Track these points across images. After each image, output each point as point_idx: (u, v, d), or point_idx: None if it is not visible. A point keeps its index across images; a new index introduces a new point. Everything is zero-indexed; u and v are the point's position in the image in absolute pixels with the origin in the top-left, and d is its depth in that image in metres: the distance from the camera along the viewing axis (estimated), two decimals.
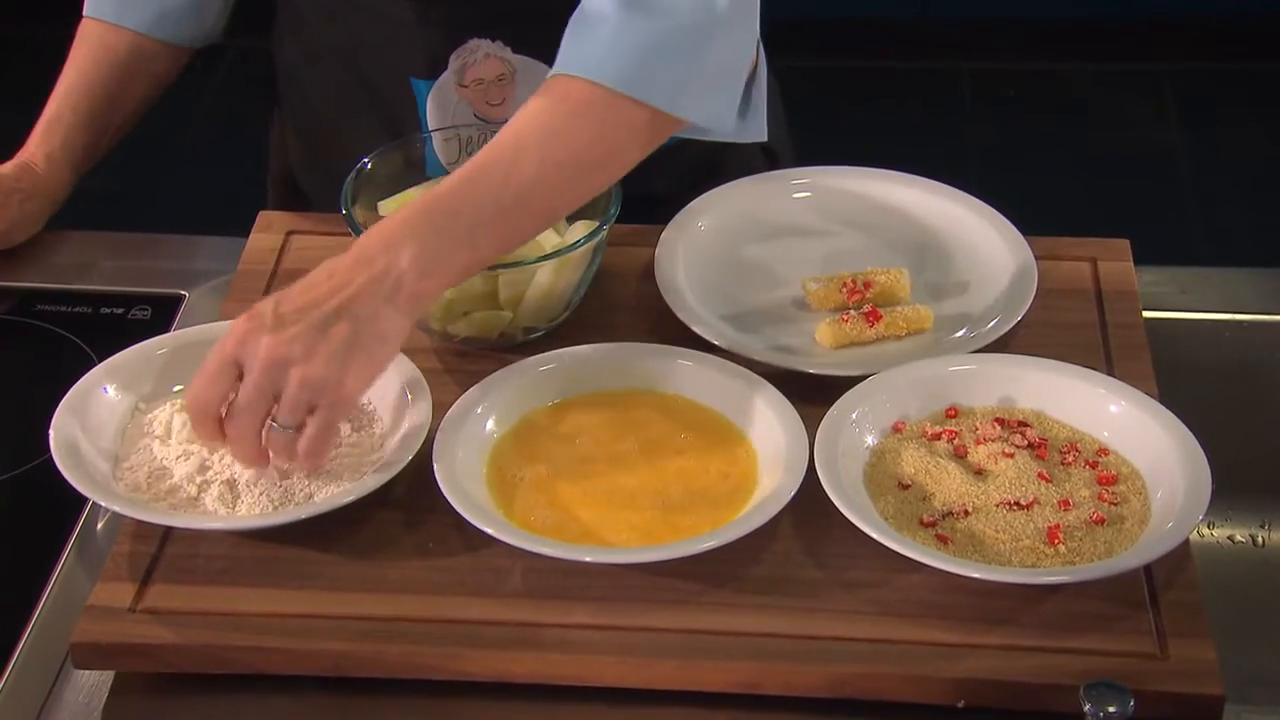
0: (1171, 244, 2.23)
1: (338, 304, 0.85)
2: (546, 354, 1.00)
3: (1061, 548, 0.88)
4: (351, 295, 0.86)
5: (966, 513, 0.90)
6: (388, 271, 0.87)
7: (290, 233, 1.14)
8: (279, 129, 1.23)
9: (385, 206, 1.05)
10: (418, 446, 0.93)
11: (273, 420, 0.86)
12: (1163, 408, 0.95)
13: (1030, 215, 1.18)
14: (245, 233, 1.13)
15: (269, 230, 1.14)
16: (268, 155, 1.26)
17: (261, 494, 0.91)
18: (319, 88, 1.15)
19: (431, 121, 1.09)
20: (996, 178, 2.34)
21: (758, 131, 1.02)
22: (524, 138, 0.92)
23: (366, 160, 1.06)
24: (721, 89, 0.95)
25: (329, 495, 0.91)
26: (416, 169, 1.07)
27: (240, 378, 0.86)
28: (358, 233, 1.01)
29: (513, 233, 0.92)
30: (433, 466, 0.91)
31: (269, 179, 1.26)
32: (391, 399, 0.97)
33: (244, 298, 1.08)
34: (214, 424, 0.87)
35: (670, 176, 1.13)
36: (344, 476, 0.93)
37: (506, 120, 0.95)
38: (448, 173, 1.00)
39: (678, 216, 1.12)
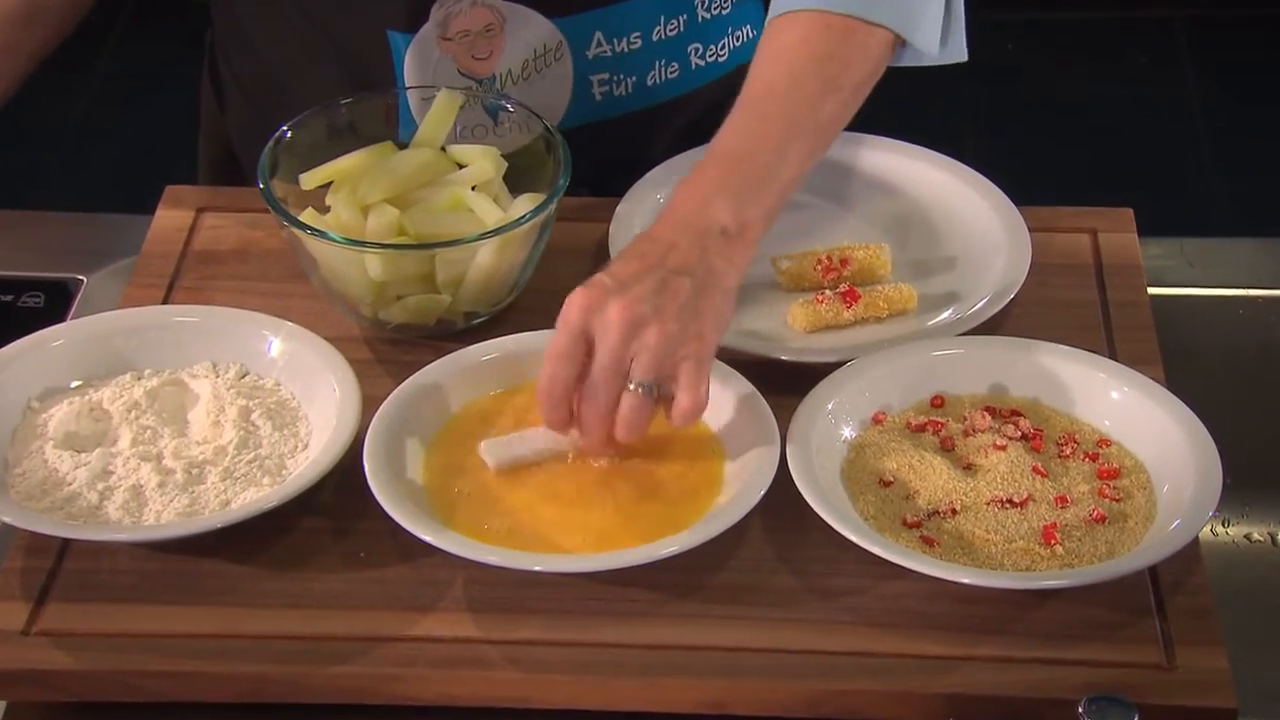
0: (1185, 213, 2.25)
1: (673, 265, 0.91)
2: (489, 342, 1.01)
3: (1059, 549, 0.89)
4: (682, 255, 0.92)
5: (954, 512, 0.92)
6: (709, 227, 0.93)
7: (202, 209, 1.14)
8: (212, 90, 1.23)
9: (309, 179, 1.06)
10: (346, 446, 0.93)
11: (627, 384, 0.89)
12: (1170, 394, 0.96)
13: (1026, 183, 1.19)
14: (151, 209, 1.13)
15: (177, 206, 1.14)
16: (197, 121, 1.25)
17: (171, 501, 0.91)
18: (270, 41, 1.15)
19: (409, 80, 1.10)
20: (988, 141, 2.36)
21: (958, 52, 1.06)
22: (796, 68, 0.99)
23: (285, 128, 1.06)
24: (929, 8, 1.03)
25: (247, 501, 0.92)
26: (342, 136, 1.08)
27: (588, 353, 0.89)
28: (275, 209, 1.02)
29: (810, 158, 1.00)
30: (363, 467, 0.92)
31: (200, 149, 1.26)
32: (317, 393, 0.98)
33: (149, 282, 1.08)
34: (567, 406, 0.90)
35: (663, 144, 1.14)
36: (264, 480, 0.94)
37: (493, 76, 0.98)
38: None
39: (634, 187, 1.13)
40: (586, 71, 1.13)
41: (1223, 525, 1.11)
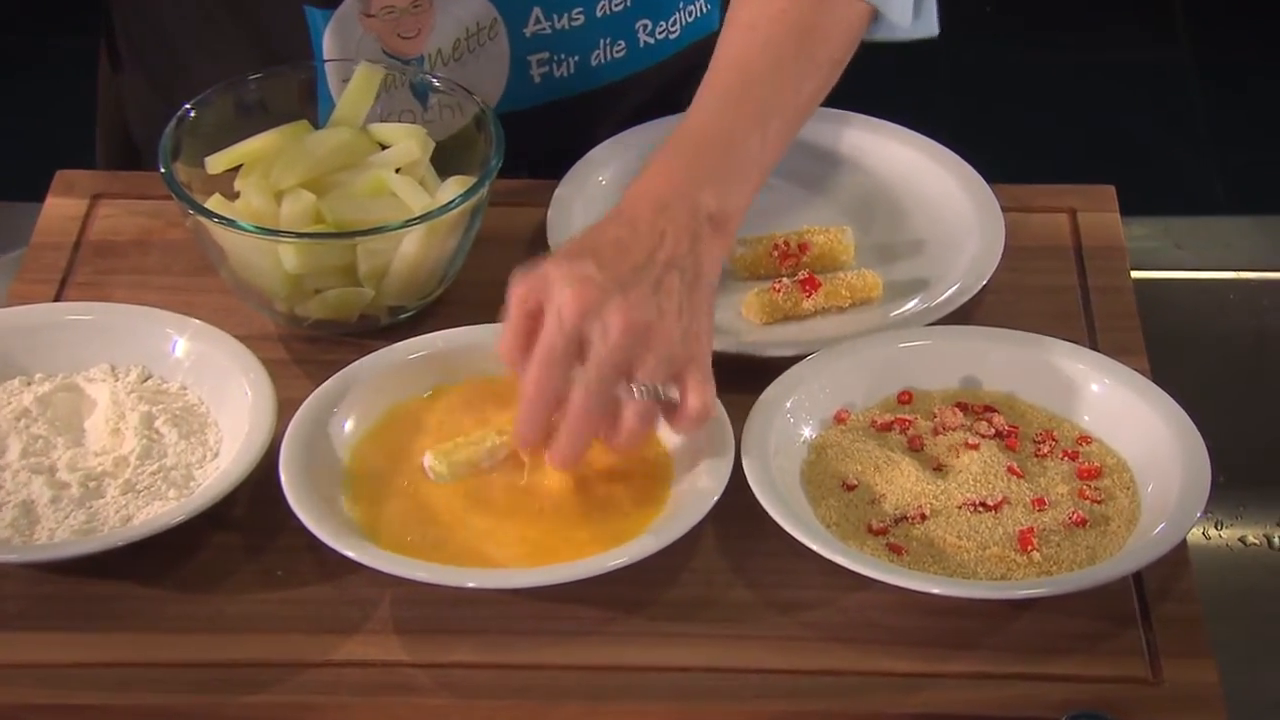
0: (1171, 190, 2.27)
1: (664, 258, 0.92)
2: (417, 339, 1.01)
3: (1036, 555, 0.91)
4: (671, 247, 0.92)
5: (924, 516, 0.93)
6: (694, 213, 0.94)
7: (97, 196, 1.14)
8: (110, 65, 1.23)
9: (215, 162, 1.06)
10: (260, 454, 0.94)
11: (631, 391, 0.89)
12: (1155, 387, 0.98)
13: (1000, 159, 1.21)
14: (41, 196, 1.13)
15: (70, 193, 1.14)
16: (94, 99, 1.25)
17: (66, 518, 0.92)
18: (173, 12, 1.15)
19: (329, 57, 1.10)
20: (958, 114, 2.37)
21: (929, 27, 1.07)
22: (774, 42, 0.99)
23: (188, 106, 1.06)
24: None
25: (151, 516, 0.92)
26: (252, 115, 1.08)
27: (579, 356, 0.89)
28: (179, 195, 1.02)
29: (787, 141, 1.01)
30: (279, 478, 0.92)
31: (97, 130, 1.26)
32: (227, 397, 0.98)
33: (39, 277, 1.08)
34: (552, 411, 0.90)
35: (609, 131, 1.15)
36: (169, 493, 0.94)
37: (422, 56, 0.98)
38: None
39: (574, 169, 1.14)
40: (524, 51, 1.14)
41: (1215, 528, 1.13)
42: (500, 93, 1.14)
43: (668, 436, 0.96)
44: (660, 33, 1.16)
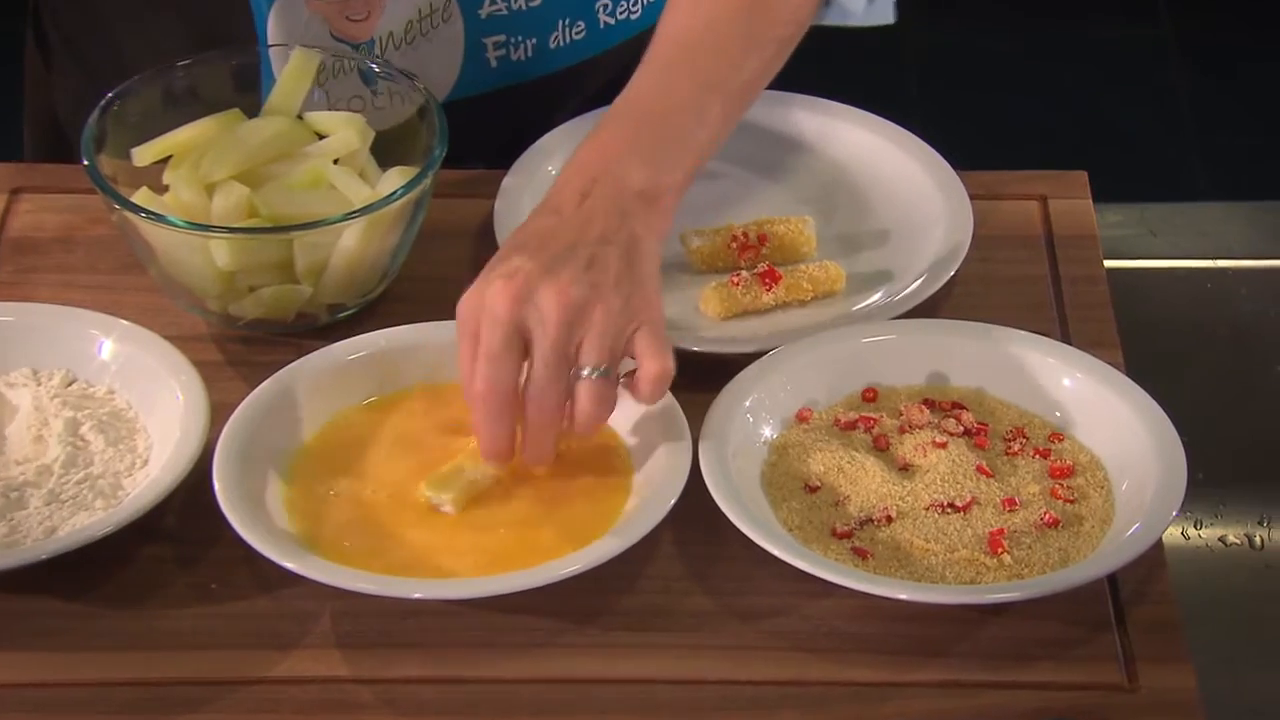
0: (1154, 176, 2.29)
1: (595, 236, 0.92)
2: (358, 338, 1.02)
3: (1007, 558, 0.92)
4: (600, 225, 0.93)
5: (890, 519, 0.94)
6: (620, 190, 0.94)
7: (17, 190, 1.14)
8: (37, 49, 1.22)
9: (142, 154, 1.06)
10: (192, 462, 0.94)
11: (580, 372, 0.90)
12: (1129, 381, 0.99)
13: (967, 144, 1.22)
14: None
15: None
16: (20, 86, 1.24)
17: None
18: None
19: (273, 40, 1.10)
20: (924, 98, 2.38)
21: (884, 13, 1.08)
22: (717, 19, 1.00)
23: (113, 95, 1.06)
24: None
25: (77, 528, 0.92)
26: (181, 104, 1.08)
27: (523, 352, 0.90)
28: (104, 189, 1.02)
29: (728, 122, 1.02)
30: (213, 486, 0.93)
31: (24, 120, 1.25)
32: (157, 401, 0.98)
33: None
34: (512, 418, 0.91)
35: (568, 116, 1.15)
36: (96, 503, 0.94)
37: (372, 40, 0.99)
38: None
39: (522, 158, 1.14)
40: (480, 33, 1.14)
41: (1195, 527, 1.14)
42: (454, 78, 1.14)
43: (624, 439, 0.97)
44: (621, 13, 1.16)
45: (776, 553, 0.90)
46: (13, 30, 1.27)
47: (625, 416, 0.97)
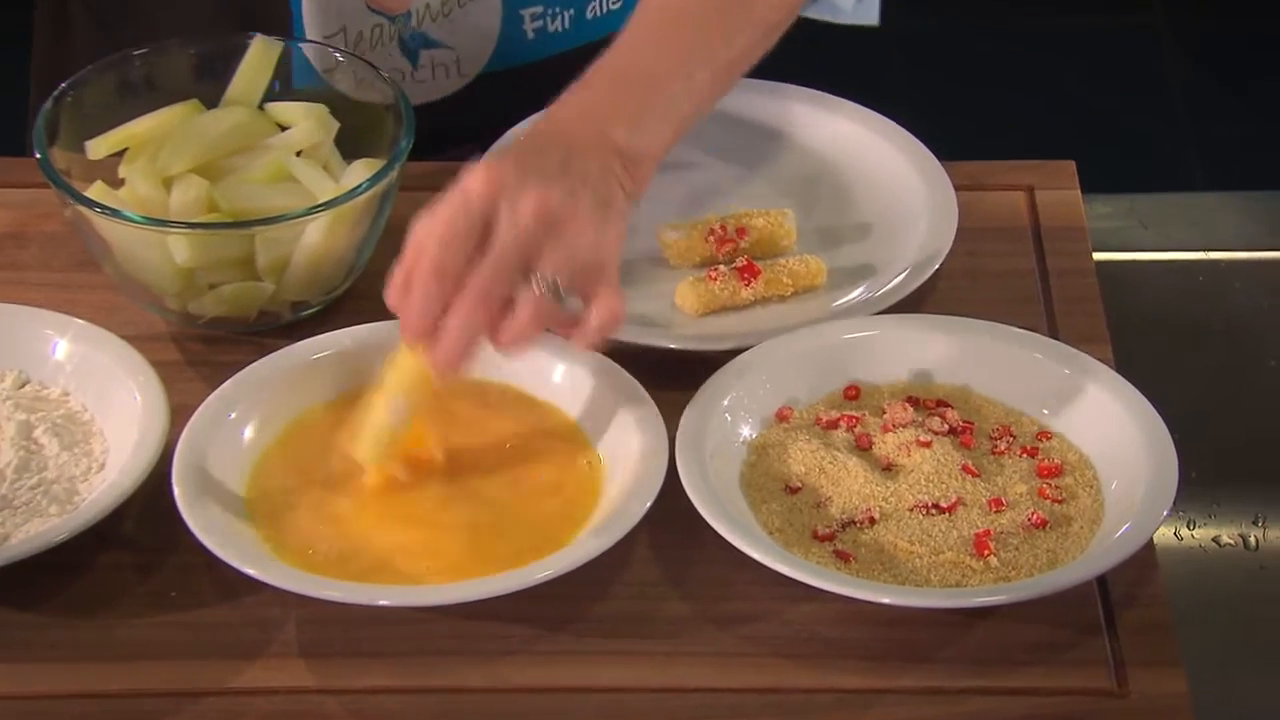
0: (1147, 167, 2.29)
1: (578, 172, 0.92)
2: (322, 337, 1.02)
3: (993, 560, 0.92)
4: (582, 167, 0.93)
5: (873, 520, 0.94)
6: (603, 145, 0.95)
7: None
8: (50, 21, 1.21)
9: (97, 146, 1.06)
10: (151, 465, 0.94)
11: (532, 283, 0.89)
12: (1119, 377, 0.99)
13: (952, 134, 1.22)
14: None
15: None
16: (28, 47, 1.23)
17: None
18: None
19: (308, 14, 1.11)
20: (908, 86, 2.38)
21: (870, 15, 1.07)
22: None
23: (66, 86, 1.06)
24: None
25: (31, 534, 0.92)
26: (137, 95, 1.08)
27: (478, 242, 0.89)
28: (57, 183, 1.02)
29: (713, 96, 1.03)
30: (172, 491, 0.93)
31: (31, 100, 1.23)
32: (114, 403, 0.98)
33: None
34: (440, 297, 0.89)
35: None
36: (50, 509, 0.93)
37: (409, 12, 1.01)
38: (324, 83, 1.07)
39: (493, 149, 1.14)
40: (517, 4, 1.14)
41: (1187, 528, 1.14)
42: (491, 50, 1.15)
43: (598, 439, 0.97)
44: None
45: (756, 556, 0.90)
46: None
47: (597, 416, 0.98)
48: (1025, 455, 0.97)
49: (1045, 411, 0.99)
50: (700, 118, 1.02)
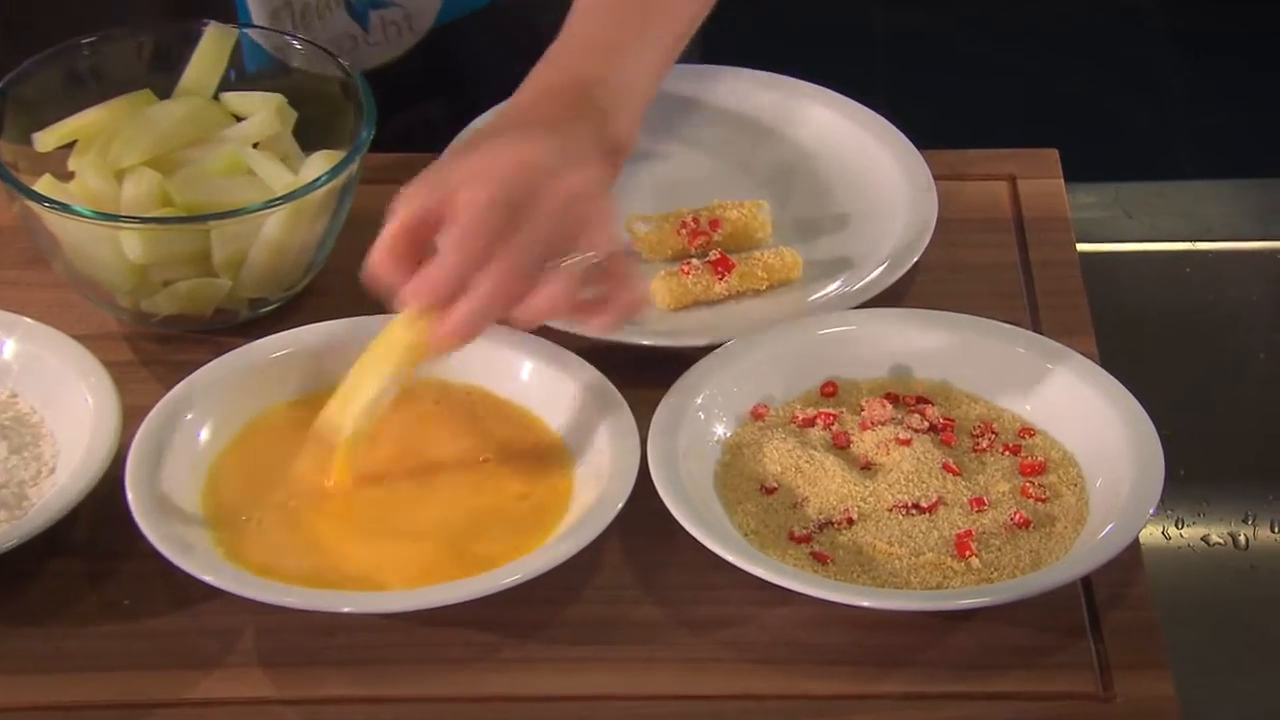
0: (1135, 155, 2.30)
1: (577, 155, 0.94)
2: (282, 335, 1.02)
3: (975, 561, 0.93)
4: (575, 149, 0.94)
5: (851, 521, 0.94)
6: (581, 139, 0.96)
7: None
8: None
9: (45, 138, 1.06)
10: (103, 469, 0.94)
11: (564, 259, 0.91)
12: (1103, 372, 1.00)
13: (935, 122, 1.23)
14: None
15: None
16: None
17: None
18: None
19: None
20: (887, 73, 2.38)
21: None
22: None
23: (10, 76, 1.06)
24: None
25: None
26: (85, 86, 1.07)
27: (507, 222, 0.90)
28: (3, 176, 1.02)
29: (671, 60, 1.05)
30: (125, 495, 0.93)
31: None
32: (65, 405, 0.98)
33: None
34: (470, 264, 0.89)
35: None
36: None
37: None
38: (280, 69, 1.08)
39: (456, 140, 1.14)
40: None
41: (1176, 526, 1.15)
42: (439, 3, 1.15)
43: (568, 439, 0.97)
44: None
45: (731, 559, 0.91)
46: None
47: (566, 415, 0.98)
48: (1007, 453, 0.98)
49: (1028, 407, 1.00)
50: (660, 81, 1.03)
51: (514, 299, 0.91)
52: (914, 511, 0.95)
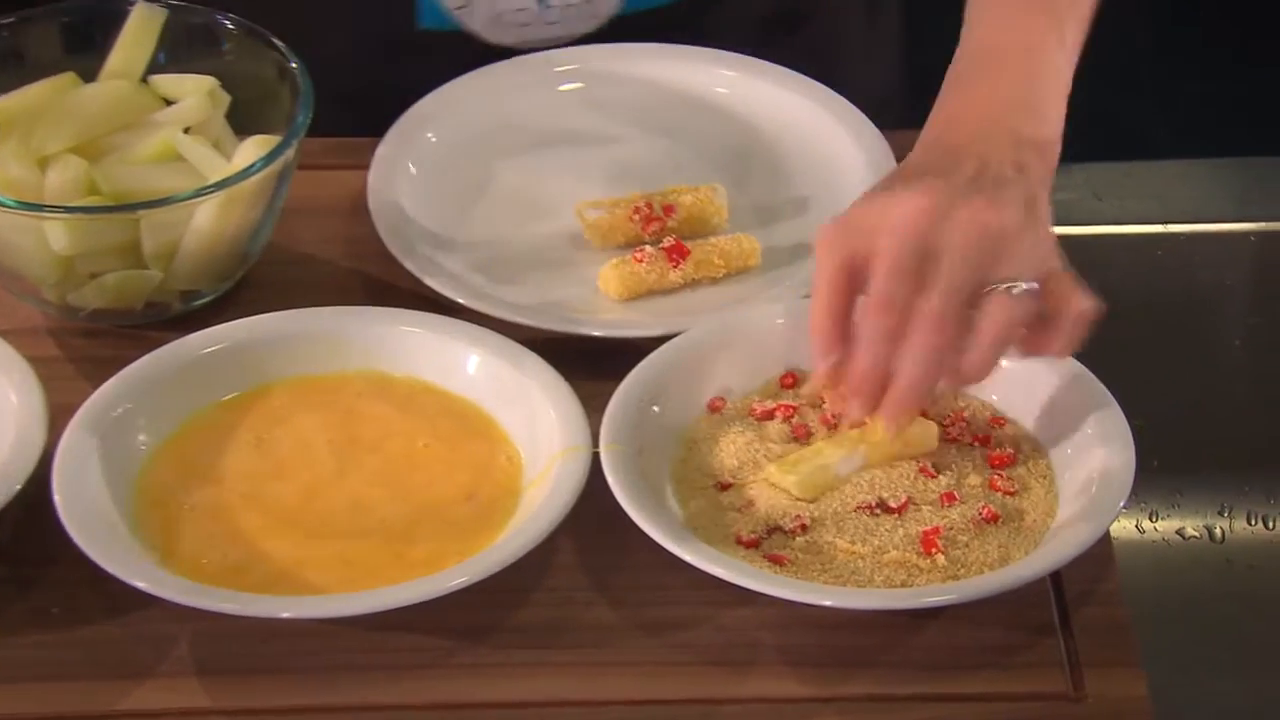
0: (1104, 133, 2.31)
1: (994, 176, 0.93)
2: (217, 329, 1.02)
3: (941, 558, 0.93)
4: (997, 169, 0.93)
5: (804, 528, 0.94)
6: (1017, 144, 0.95)
7: None
8: None
9: None
10: (29, 471, 0.94)
11: (998, 289, 0.90)
12: (1073, 360, 0.99)
13: (897, 101, 1.23)
14: None
15: None
16: None
17: None
18: None
19: None
20: (848, 50, 2.38)
21: None
22: None
23: None
24: None
25: None
26: (3, 68, 1.07)
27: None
28: None
29: (1080, 43, 1.03)
30: (52, 498, 0.92)
31: None
32: None
33: None
34: (890, 334, 0.89)
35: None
36: None
37: None
38: (449, 22, 1.10)
39: (398, 124, 1.15)
40: None
41: (1150, 520, 1.16)
42: None
43: (517, 435, 0.97)
44: None
45: (687, 558, 0.91)
46: None
47: (515, 410, 0.98)
48: (977, 443, 0.98)
49: (994, 396, 1.00)
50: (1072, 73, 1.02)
51: (946, 357, 0.90)
52: (879, 511, 0.95)
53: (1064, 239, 1.14)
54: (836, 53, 1.27)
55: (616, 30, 1.19)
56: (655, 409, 0.99)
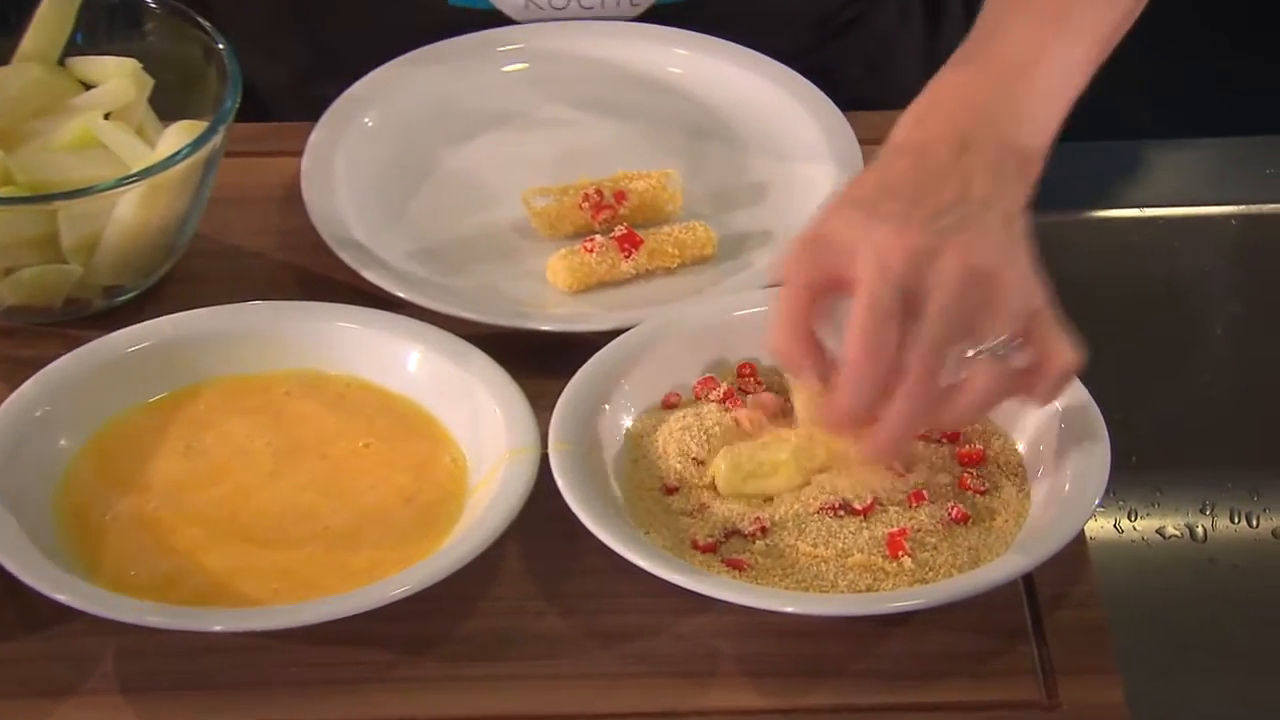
0: (1080, 114, 2.32)
1: (978, 199, 0.93)
2: (141, 326, 1.02)
3: (908, 561, 0.94)
4: (981, 188, 0.93)
5: (764, 530, 0.94)
6: (1001, 151, 0.95)
7: None
8: None
9: None
10: None
11: (979, 350, 0.90)
12: None
13: (860, 81, 1.23)
14: None
15: None
16: None
17: None
18: None
19: None
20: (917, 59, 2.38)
21: None
22: None
23: None
24: None
25: None
26: None
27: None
28: None
29: (1096, 66, 1.02)
30: None
31: None
32: None
33: None
34: (884, 381, 0.89)
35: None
36: None
37: None
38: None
39: (333, 108, 1.15)
40: None
41: (1129, 518, 1.17)
42: None
43: (462, 436, 0.98)
44: None
45: (642, 564, 0.91)
46: None
47: (460, 410, 0.99)
48: (946, 440, 0.99)
49: None
50: (1080, 95, 1.02)
51: (932, 402, 0.90)
52: (843, 513, 0.95)
53: (1038, 223, 1.16)
54: (891, 60, 1.28)
55: (653, 20, 1.19)
56: (606, 407, 0.99)
